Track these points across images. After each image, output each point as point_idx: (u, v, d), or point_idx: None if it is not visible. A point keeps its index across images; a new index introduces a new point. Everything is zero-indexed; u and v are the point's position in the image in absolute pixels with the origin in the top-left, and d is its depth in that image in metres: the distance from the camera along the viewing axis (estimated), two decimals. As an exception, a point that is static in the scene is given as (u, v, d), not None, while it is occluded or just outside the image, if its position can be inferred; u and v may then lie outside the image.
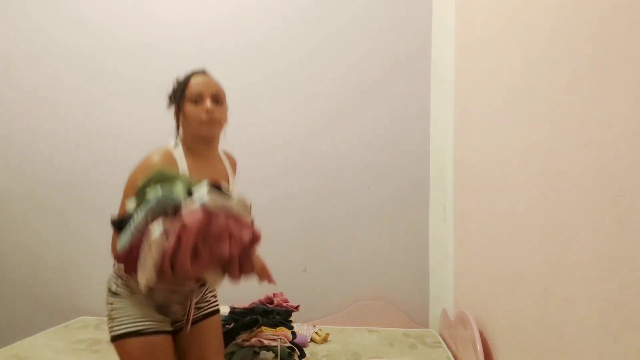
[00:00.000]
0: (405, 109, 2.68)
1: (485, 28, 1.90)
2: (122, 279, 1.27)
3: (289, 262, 2.69)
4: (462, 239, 2.26)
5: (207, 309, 1.43)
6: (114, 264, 1.29)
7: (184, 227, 0.99)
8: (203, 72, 1.39)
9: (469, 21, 2.18)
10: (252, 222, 1.15)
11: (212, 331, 1.43)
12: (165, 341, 1.28)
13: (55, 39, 2.85)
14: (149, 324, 1.25)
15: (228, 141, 1.48)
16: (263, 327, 1.98)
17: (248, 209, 1.14)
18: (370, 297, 2.66)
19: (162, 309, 1.31)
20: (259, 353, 1.87)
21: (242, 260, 1.09)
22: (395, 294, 2.65)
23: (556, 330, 1.18)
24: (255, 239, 1.11)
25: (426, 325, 2.62)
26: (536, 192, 1.33)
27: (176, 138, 1.37)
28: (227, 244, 1.03)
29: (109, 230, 1.14)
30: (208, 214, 1.02)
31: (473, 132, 2.08)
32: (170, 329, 1.33)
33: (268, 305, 2.11)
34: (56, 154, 2.82)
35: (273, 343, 1.91)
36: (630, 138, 0.87)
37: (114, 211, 1.22)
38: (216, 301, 1.48)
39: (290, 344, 1.95)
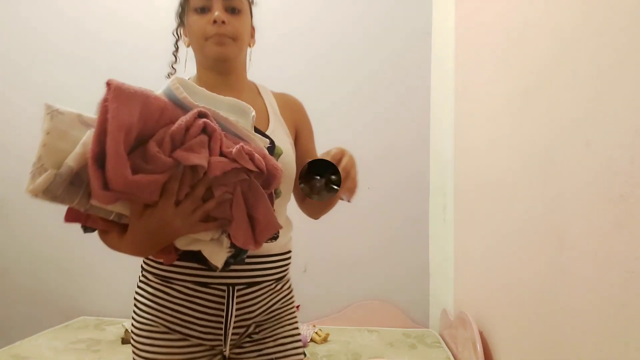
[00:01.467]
0: (405, 109, 2.67)
1: (485, 27, 1.90)
2: (141, 290, 0.99)
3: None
4: (462, 239, 2.26)
5: None
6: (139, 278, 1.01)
7: (108, 91, 0.60)
8: None
9: (470, 21, 2.17)
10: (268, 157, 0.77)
11: None
12: None
13: (56, 37, 2.85)
14: None
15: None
16: (263, 327, 1.98)
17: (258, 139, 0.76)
18: (370, 297, 2.66)
19: (186, 331, 0.94)
20: (259, 353, 1.87)
21: (251, 202, 0.70)
22: (395, 294, 2.65)
23: (556, 330, 1.18)
24: (270, 169, 0.72)
25: (426, 325, 2.61)
26: (536, 192, 1.33)
27: (171, 65, 1.05)
28: (204, 154, 0.66)
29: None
30: (150, 95, 0.66)
31: (473, 132, 2.08)
32: None
33: (268, 305, 2.11)
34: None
35: (273, 343, 1.91)
36: (632, 139, 0.87)
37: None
38: None
39: (290, 344, 1.95)
